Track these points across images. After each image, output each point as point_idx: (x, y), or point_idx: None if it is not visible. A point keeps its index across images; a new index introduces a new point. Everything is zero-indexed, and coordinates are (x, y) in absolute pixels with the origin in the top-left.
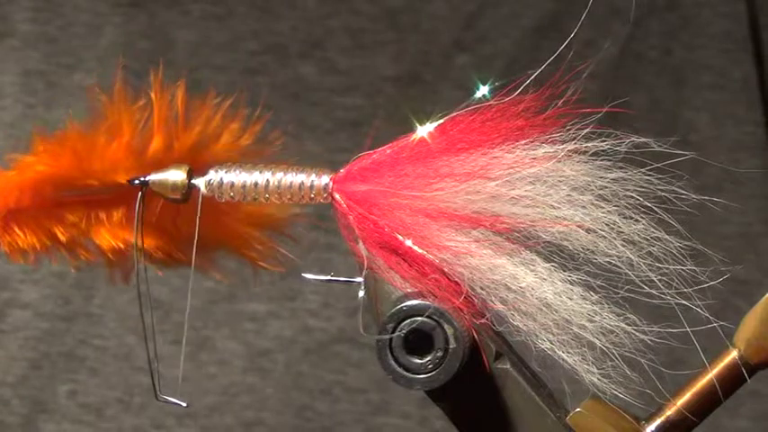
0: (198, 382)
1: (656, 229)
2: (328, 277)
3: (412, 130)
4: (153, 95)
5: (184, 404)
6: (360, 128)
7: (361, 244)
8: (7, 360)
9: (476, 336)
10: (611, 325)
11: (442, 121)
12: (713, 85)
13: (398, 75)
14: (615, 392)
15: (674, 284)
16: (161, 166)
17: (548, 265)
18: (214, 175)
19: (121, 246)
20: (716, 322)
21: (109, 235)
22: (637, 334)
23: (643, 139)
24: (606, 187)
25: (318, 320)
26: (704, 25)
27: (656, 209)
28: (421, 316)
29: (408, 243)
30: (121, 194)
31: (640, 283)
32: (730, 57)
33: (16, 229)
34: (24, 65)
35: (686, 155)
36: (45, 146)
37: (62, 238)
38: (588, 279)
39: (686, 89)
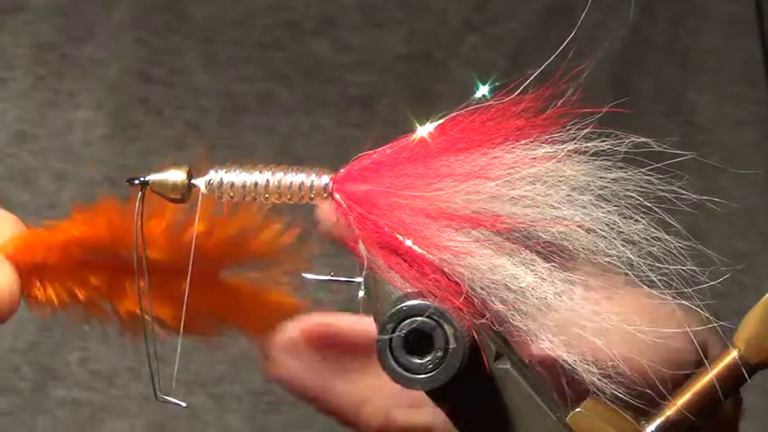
0: (208, 351)
1: (657, 229)
2: (328, 277)
3: (420, 108)
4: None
5: (184, 404)
6: (371, 104)
7: (361, 244)
8: (17, 326)
9: (476, 336)
10: (611, 324)
11: (442, 121)
12: (717, 67)
13: (410, 53)
14: (615, 392)
15: (674, 284)
16: (196, 250)
17: (548, 265)
18: (214, 175)
19: (138, 312)
20: (716, 322)
21: (129, 302)
22: (637, 334)
23: (643, 139)
24: (606, 187)
25: (328, 292)
26: (710, 10)
27: (656, 209)
28: (421, 316)
29: (408, 243)
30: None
31: (640, 283)
32: (734, 38)
33: (38, 284)
34: (36, 37)
35: (686, 155)
36: (81, 214)
37: (81, 297)
38: (588, 279)
39: (691, 73)
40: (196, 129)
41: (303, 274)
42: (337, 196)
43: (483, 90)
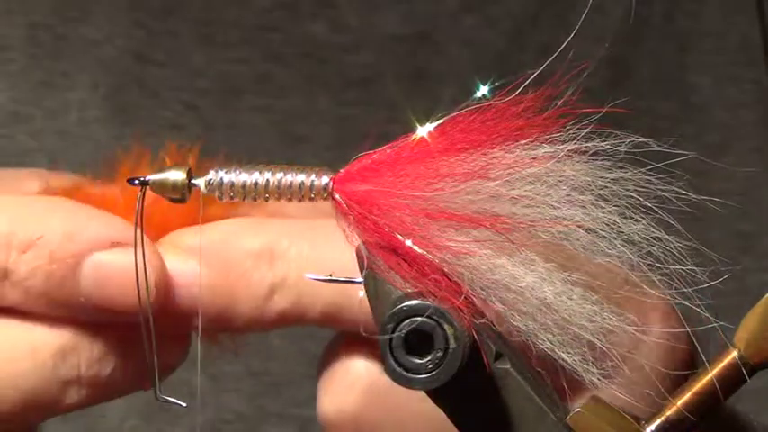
0: None
1: (657, 229)
2: (328, 277)
3: (418, 89)
4: None
5: (184, 404)
6: (368, 85)
7: (361, 244)
8: None
9: (476, 336)
10: (611, 325)
11: (442, 120)
12: (716, 48)
13: (407, 34)
14: (615, 392)
15: (675, 284)
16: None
17: (548, 265)
18: (214, 175)
19: None
20: (716, 322)
21: None
22: (637, 334)
23: (643, 139)
24: (606, 187)
25: None
26: None
27: (656, 209)
28: (421, 316)
29: (408, 243)
30: None
31: (640, 283)
32: (732, 19)
33: None
34: (31, 18)
35: (687, 154)
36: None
37: None
38: (588, 279)
39: (690, 54)
40: (193, 110)
41: (304, 274)
42: (337, 196)
43: (483, 90)
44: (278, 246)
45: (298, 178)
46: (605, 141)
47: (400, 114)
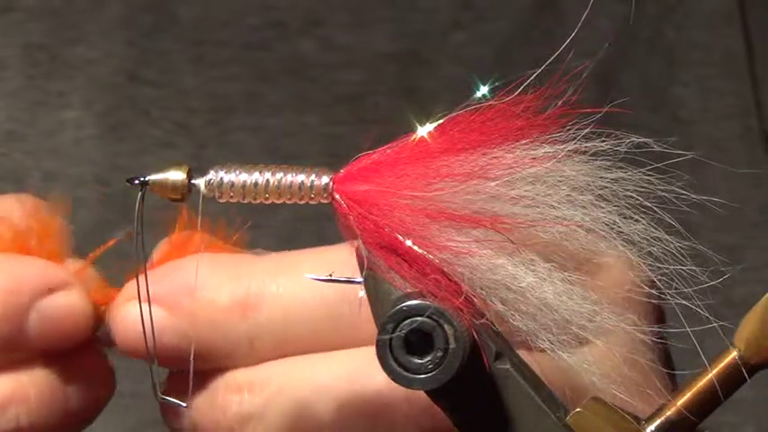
0: None
1: (656, 230)
2: (328, 277)
3: (409, 106)
4: None
5: (184, 404)
6: (358, 102)
7: (361, 244)
8: None
9: (476, 336)
10: (610, 325)
11: (441, 121)
12: (702, 61)
13: (397, 51)
14: (615, 392)
15: (674, 285)
16: None
17: (548, 265)
18: (214, 175)
19: None
20: (716, 322)
21: None
22: (636, 334)
23: (643, 140)
24: (606, 187)
25: None
26: (694, 5)
27: (656, 209)
28: (421, 316)
29: (408, 243)
30: None
31: (640, 283)
32: (717, 32)
33: None
34: (27, 37)
35: (686, 154)
36: None
37: None
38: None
39: (676, 67)
40: (184, 129)
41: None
42: (337, 196)
43: (483, 90)
44: (251, 293)
45: (298, 178)
46: (605, 141)
47: (391, 131)
